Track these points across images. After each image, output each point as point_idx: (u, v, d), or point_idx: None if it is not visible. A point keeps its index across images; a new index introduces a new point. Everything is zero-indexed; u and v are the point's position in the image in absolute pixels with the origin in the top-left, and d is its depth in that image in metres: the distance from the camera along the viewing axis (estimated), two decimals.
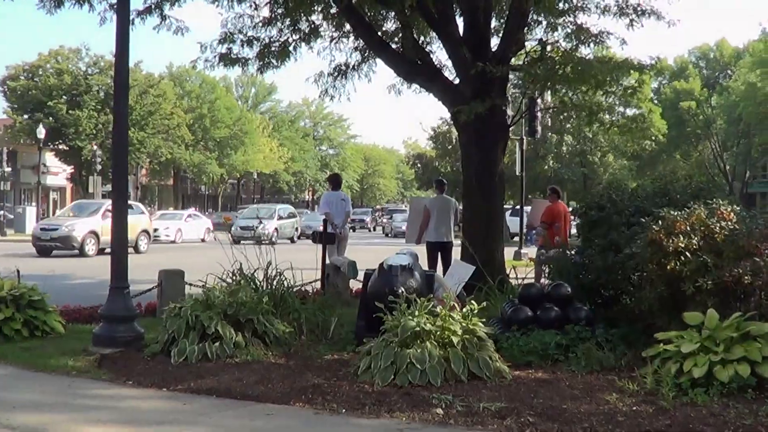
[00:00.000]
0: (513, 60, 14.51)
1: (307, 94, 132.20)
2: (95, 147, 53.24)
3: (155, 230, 39.27)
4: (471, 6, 13.93)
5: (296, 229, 46.31)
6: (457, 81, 14.60)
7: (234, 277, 10.88)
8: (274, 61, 16.88)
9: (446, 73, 15.43)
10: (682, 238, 8.34)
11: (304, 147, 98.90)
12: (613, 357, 8.41)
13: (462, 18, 14.23)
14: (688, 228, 8.48)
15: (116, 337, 9.48)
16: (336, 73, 16.96)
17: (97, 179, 49.69)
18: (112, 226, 9.99)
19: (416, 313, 7.89)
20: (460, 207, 15.90)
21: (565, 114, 40.22)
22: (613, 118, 14.62)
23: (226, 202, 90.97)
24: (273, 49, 16.76)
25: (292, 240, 44.17)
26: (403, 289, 8.69)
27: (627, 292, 10.22)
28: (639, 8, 14.90)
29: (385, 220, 68.36)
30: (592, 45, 14.78)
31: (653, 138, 53.63)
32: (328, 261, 13.86)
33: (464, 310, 8.04)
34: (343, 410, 6.73)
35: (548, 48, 14.65)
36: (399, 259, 9.75)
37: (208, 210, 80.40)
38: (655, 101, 58.63)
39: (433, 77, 14.44)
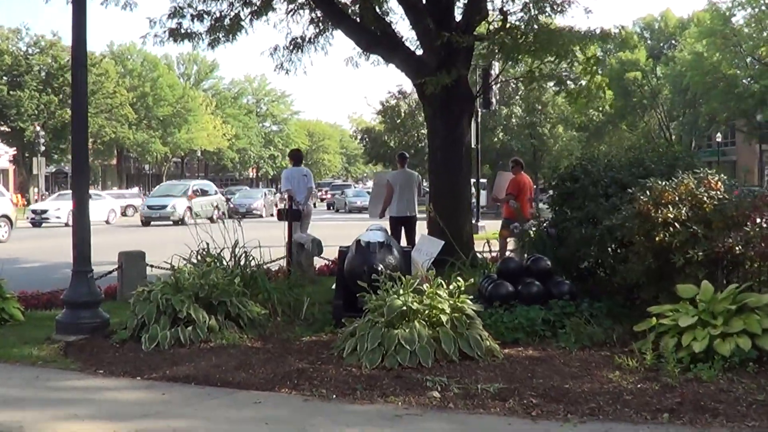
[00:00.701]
0: (476, 30, 14.16)
1: (249, 71, 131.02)
2: (38, 128, 51.96)
3: (43, 212, 37.17)
4: None
5: (217, 207, 39.37)
6: (419, 52, 14.26)
7: (200, 258, 10.49)
8: (225, 35, 16.39)
9: (407, 45, 15.06)
10: (671, 209, 8.11)
11: (248, 124, 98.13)
12: (602, 332, 8.18)
13: None
14: (677, 198, 8.27)
15: (81, 323, 9.00)
16: (292, 47, 16.48)
17: (41, 160, 48.35)
18: (74, 209, 9.47)
19: (401, 291, 7.56)
20: (425, 182, 15.62)
21: (517, 85, 40.23)
22: (564, 88, 14.26)
23: (171, 180, 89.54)
24: (224, 23, 16.26)
25: (211, 219, 35.13)
26: (382, 267, 8.39)
27: (606, 265, 10.05)
28: None
29: (329, 196, 66.63)
30: (553, 14, 14.50)
31: (600, 108, 53.85)
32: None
33: (451, 286, 7.72)
34: (334, 396, 6.37)
35: (509, 18, 14.37)
36: (374, 235, 9.40)
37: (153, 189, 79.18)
38: (600, 72, 58.49)
39: (396, 48, 14.05)
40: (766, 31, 48.59)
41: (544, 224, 11.30)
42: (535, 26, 13.68)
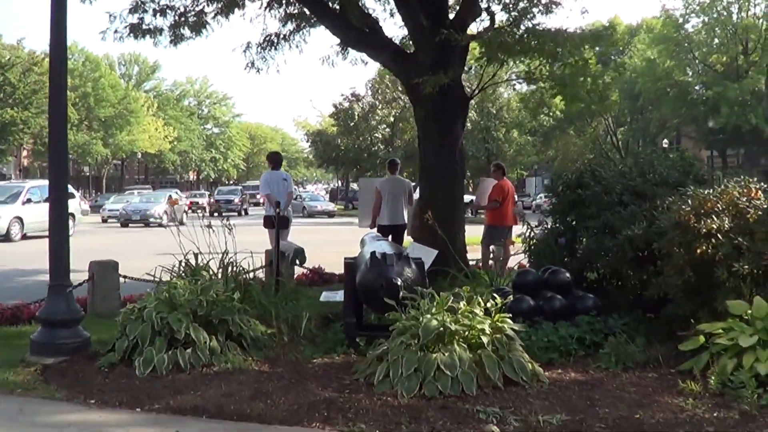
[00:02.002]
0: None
1: (191, 73, 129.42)
2: None
3: None
4: None
5: (72, 215, 27.87)
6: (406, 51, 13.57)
7: (182, 268, 9.62)
8: (188, 32, 15.55)
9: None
10: (714, 219, 7.52)
11: (190, 126, 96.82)
12: (640, 352, 7.54)
13: None
14: (719, 208, 7.68)
15: (59, 344, 7.99)
16: (266, 44, 15.65)
17: None
18: (51, 216, 8.45)
19: (434, 309, 6.82)
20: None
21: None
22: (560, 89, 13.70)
23: (110, 183, 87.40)
24: (188, 18, 15.41)
25: None
26: (400, 281, 7.63)
27: (624, 278, 9.44)
28: None
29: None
30: (540, 15, 13.93)
31: (550, 113, 53.81)
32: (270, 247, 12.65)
33: (488, 304, 6.99)
34: None
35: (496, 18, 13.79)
36: (382, 245, 8.66)
37: (93, 192, 77.10)
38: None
39: (385, 46, 13.30)
40: (718, 38, 49.04)
41: (544, 231, 10.73)
42: (522, 27, 13.09)
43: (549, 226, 10.78)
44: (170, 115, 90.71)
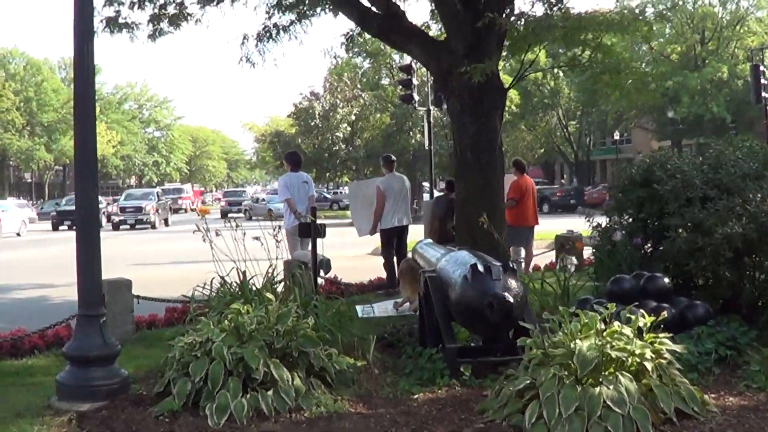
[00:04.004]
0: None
1: (131, 78, 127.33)
2: None
3: None
4: None
5: None
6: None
7: (223, 287, 8.35)
8: (170, 24, 14.36)
9: None
10: None
11: (132, 130, 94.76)
12: None
13: None
14: None
15: (94, 386, 6.64)
16: (266, 35, 14.40)
17: None
18: (79, 233, 7.12)
19: (580, 332, 5.70)
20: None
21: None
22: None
23: (53, 189, 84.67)
24: (168, 12, 14.23)
25: None
26: (511, 298, 6.52)
27: (721, 280, 8.44)
28: None
29: (225, 203, 60.87)
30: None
31: (507, 109, 53.14)
32: (290, 257, 11.49)
33: (641, 323, 5.88)
34: None
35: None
36: (469, 256, 7.47)
37: (38, 200, 74.38)
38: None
39: (413, 34, 12.14)
40: (675, 28, 48.86)
41: (618, 233, 9.66)
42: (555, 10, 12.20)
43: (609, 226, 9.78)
44: (112, 119, 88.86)
